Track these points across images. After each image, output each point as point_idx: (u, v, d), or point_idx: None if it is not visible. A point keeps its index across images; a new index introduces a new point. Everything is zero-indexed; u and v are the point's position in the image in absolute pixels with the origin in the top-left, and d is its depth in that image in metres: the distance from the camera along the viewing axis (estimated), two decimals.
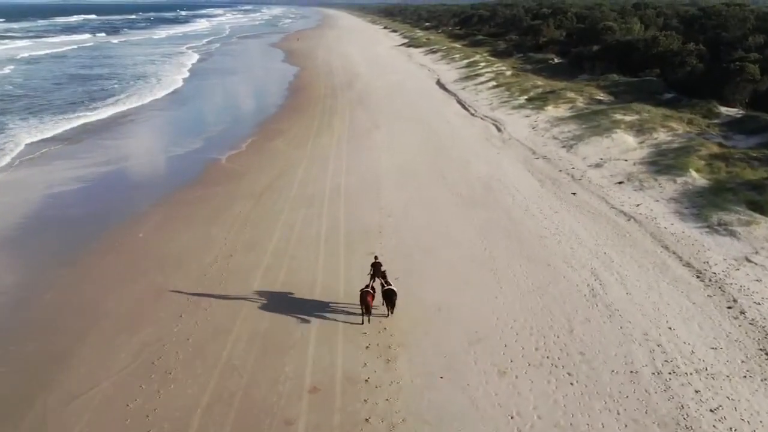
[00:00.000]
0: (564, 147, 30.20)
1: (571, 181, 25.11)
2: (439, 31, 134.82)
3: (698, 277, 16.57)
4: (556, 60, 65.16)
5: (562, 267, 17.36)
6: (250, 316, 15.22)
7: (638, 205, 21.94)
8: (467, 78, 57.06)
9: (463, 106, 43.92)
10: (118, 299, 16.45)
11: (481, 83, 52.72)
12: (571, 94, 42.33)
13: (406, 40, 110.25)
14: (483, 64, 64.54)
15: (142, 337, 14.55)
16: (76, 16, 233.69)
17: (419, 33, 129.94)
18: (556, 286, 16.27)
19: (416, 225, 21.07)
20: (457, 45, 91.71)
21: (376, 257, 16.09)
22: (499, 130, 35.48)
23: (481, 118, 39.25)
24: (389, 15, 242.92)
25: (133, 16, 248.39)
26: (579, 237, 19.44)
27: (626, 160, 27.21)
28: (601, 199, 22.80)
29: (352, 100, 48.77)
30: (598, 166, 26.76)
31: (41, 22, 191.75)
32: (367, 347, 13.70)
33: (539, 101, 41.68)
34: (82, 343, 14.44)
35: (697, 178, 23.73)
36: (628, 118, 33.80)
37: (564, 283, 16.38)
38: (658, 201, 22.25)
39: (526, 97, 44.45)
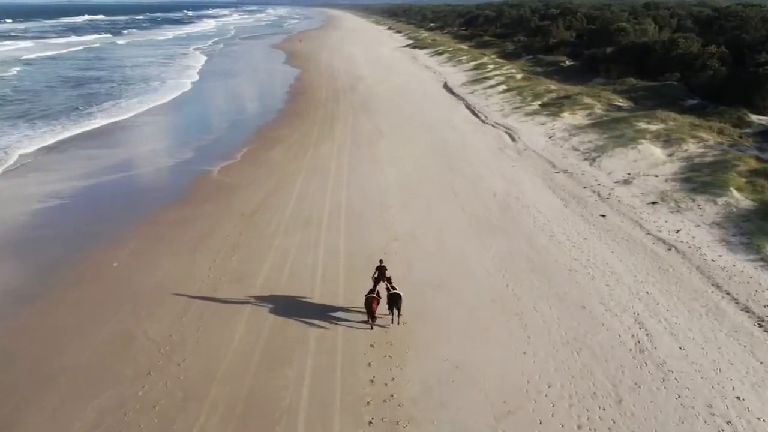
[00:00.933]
0: (586, 160, 27.65)
1: (599, 200, 22.57)
2: (445, 31, 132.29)
3: (761, 325, 14.04)
4: (567, 62, 62.57)
5: (600, 311, 14.85)
6: (230, 377, 12.74)
7: (677, 231, 19.39)
8: (475, 81, 54.53)
9: (473, 112, 41.40)
10: (79, 348, 14.01)
11: (491, 87, 50.19)
12: (588, 100, 39.78)
13: (410, 41, 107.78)
14: (491, 66, 62.03)
15: (102, 401, 12.10)
16: (82, 16, 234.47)
17: (424, 34, 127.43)
18: (594, 336, 13.75)
19: (426, 252, 18.59)
20: (463, 46, 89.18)
21: (381, 261, 15.71)
22: (513, 139, 32.94)
23: (493, 126, 36.72)
24: (393, 15, 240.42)
25: (140, 17, 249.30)
26: (615, 271, 16.91)
27: (656, 176, 24.66)
28: (634, 222, 20.26)
29: (355, 105, 46.32)
30: (626, 182, 24.20)
31: (48, 22, 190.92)
32: (370, 423, 11.21)
33: (554, 107, 39.14)
34: (29, 409, 12.01)
35: (740, 199, 21.16)
36: (653, 127, 31.25)
37: (604, 333, 13.86)
38: (699, 226, 19.69)
39: (539, 102, 41.91)
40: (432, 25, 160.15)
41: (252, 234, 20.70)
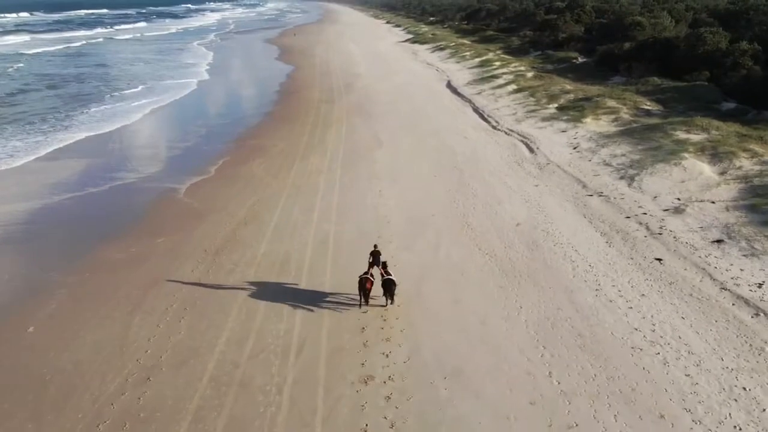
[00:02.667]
0: (623, 179, 23.17)
1: (648, 236, 18.09)
2: (445, 26, 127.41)
3: None
4: (579, 59, 58.04)
5: (686, 423, 10.43)
6: None
7: (760, 285, 14.96)
8: (482, 80, 49.94)
9: (482, 116, 36.86)
10: None
11: (500, 86, 45.61)
12: (611, 103, 35.27)
13: (410, 36, 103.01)
14: (498, 63, 57.42)
15: None
16: (85, 10, 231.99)
17: (424, 28, 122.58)
18: None
19: (435, 319, 14.14)
20: (466, 41, 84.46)
21: (375, 246, 15.64)
22: (531, 150, 28.43)
23: (506, 133, 32.20)
24: (392, 9, 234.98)
25: (144, 11, 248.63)
26: (693, 350, 12.49)
27: (713, 202, 20.20)
28: (700, 271, 15.81)
29: (351, 107, 41.78)
30: (678, 210, 19.72)
31: (53, 16, 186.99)
32: None
33: (574, 111, 34.62)
34: None
35: None
36: (694, 137, 26.80)
37: None
38: None
39: (556, 105, 37.39)
40: (432, 19, 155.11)
41: (213, 281, 16.24)
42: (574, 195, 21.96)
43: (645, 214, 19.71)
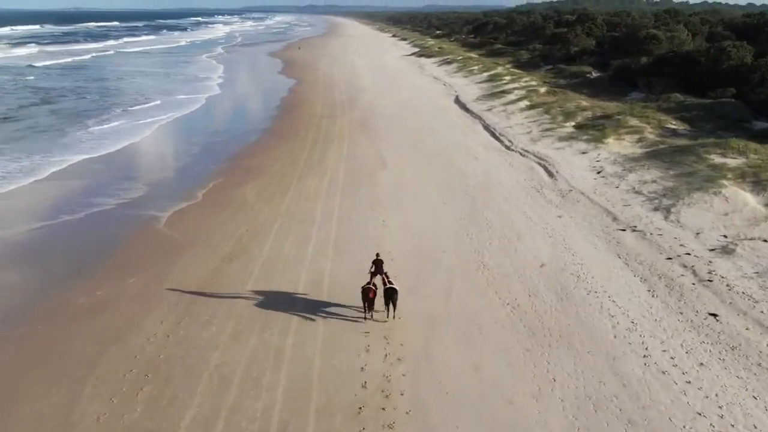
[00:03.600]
0: (657, 209, 20.58)
1: (697, 283, 15.47)
2: (452, 39, 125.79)
3: None
4: (593, 74, 55.69)
5: None
6: None
7: None
8: (492, 95, 47.59)
9: (494, 135, 34.41)
10: None
11: (511, 102, 43.23)
12: (633, 121, 32.78)
13: (416, 50, 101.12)
14: (508, 78, 55.12)
15: None
16: (96, 23, 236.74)
17: (430, 41, 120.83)
18: None
19: (450, 388, 11.55)
20: (473, 55, 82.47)
21: (377, 254, 15.16)
22: (550, 174, 25.90)
23: (521, 154, 29.70)
24: (398, 23, 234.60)
25: (153, 23, 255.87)
26: None
27: (766, 240, 17.60)
28: (766, 332, 13.17)
29: (354, 123, 39.48)
30: (726, 251, 17.11)
31: (63, 28, 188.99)
32: None
33: (594, 130, 32.12)
34: None
35: None
36: (730, 161, 24.25)
37: None
38: None
39: (573, 123, 34.94)
40: (438, 32, 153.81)
41: (183, 338, 13.71)
42: (604, 229, 19.37)
43: (689, 254, 17.08)
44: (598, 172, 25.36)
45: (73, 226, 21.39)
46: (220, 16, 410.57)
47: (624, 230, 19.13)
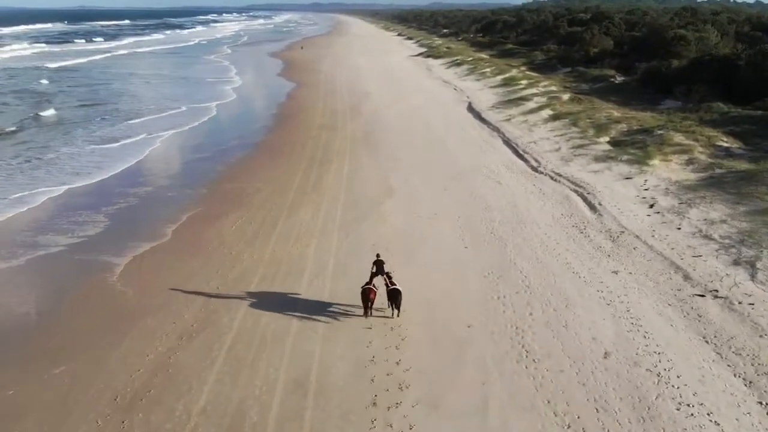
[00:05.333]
0: (737, 263, 16.16)
1: None
2: (460, 38, 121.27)
3: None
4: (618, 78, 51.13)
5: None
6: None
7: None
8: (509, 102, 43.16)
9: (517, 152, 29.98)
10: None
11: (532, 111, 38.81)
12: (678, 137, 28.33)
13: (423, 50, 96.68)
14: (524, 82, 50.66)
15: None
16: (107, 21, 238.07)
17: (437, 41, 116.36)
18: None
19: None
20: (483, 55, 77.96)
21: (378, 255, 15.02)
22: (591, 206, 21.49)
23: (552, 178, 25.29)
24: (403, 21, 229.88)
25: (160, 21, 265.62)
26: None
27: None
28: None
29: (356, 136, 35.18)
30: None
31: (74, 27, 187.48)
32: None
33: (634, 149, 27.68)
34: None
35: None
36: None
37: None
38: None
39: (607, 138, 30.50)
40: (445, 31, 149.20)
41: None
42: (676, 293, 14.97)
43: None
44: (651, 206, 20.94)
45: (2, 280, 17.15)
46: (227, 15, 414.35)
47: (703, 296, 14.74)
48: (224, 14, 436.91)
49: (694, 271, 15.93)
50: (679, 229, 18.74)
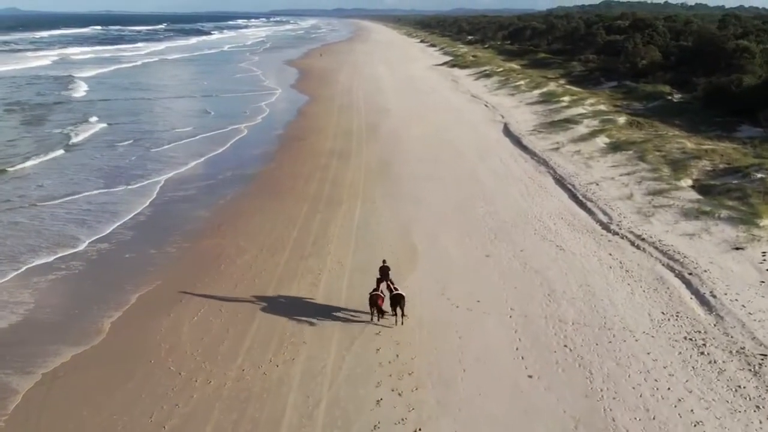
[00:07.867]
0: None
1: None
2: (486, 46, 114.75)
3: None
4: (675, 95, 44.31)
5: None
6: None
7: None
8: (553, 125, 36.76)
9: (575, 198, 23.55)
10: None
11: (584, 139, 32.37)
12: None
13: (448, 58, 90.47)
14: (567, 99, 44.20)
15: None
16: (141, 26, 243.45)
17: (463, 48, 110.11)
18: None
19: None
20: (514, 65, 71.42)
21: (384, 261, 15.21)
22: (702, 301, 14.96)
23: (633, 243, 18.75)
24: (426, 27, 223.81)
25: (188, 27, 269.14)
26: None
27: None
28: None
29: (372, 167, 29.20)
30: None
31: (105, 31, 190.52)
32: None
33: (731, 199, 21.12)
34: None
35: None
36: None
37: None
38: None
39: (689, 180, 24.02)
40: (470, 38, 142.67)
41: None
42: None
43: None
44: None
45: None
46: (254, 20, 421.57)
47: None
48: (252, 19, 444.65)
49: None
50: None
